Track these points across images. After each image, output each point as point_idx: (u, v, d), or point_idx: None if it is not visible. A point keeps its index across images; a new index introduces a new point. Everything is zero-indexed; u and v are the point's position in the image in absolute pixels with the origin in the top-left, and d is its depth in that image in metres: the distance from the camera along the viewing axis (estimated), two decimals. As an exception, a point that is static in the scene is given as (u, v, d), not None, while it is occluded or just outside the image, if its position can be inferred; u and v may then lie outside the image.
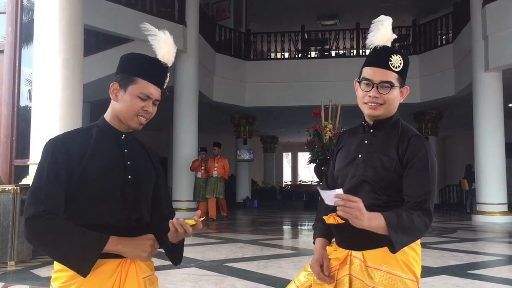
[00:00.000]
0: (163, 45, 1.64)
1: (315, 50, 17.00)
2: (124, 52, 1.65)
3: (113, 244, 1.48)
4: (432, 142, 16.25)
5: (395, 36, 1.76)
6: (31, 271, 4.68)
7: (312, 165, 8.91)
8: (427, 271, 4.42)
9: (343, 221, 1.69)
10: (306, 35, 16.74)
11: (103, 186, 1.55)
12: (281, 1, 16.28)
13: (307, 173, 27.55)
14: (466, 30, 12.18)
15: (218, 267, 4.97)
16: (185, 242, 1.75)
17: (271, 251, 6.26)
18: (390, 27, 1.75)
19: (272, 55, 16.76)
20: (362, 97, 1.73)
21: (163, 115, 13.78)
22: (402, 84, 1.73)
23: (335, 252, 1.74)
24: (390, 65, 1.68)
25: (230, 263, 5.21)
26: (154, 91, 1.60)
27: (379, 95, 1.69)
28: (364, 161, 1.72)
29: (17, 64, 6.97)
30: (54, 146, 1.55)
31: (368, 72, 1.71)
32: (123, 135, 1.64)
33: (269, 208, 16.86)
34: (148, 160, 1.71)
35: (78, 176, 1.53)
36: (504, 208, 11.02)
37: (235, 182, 17.93)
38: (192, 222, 1.52)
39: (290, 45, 16.33)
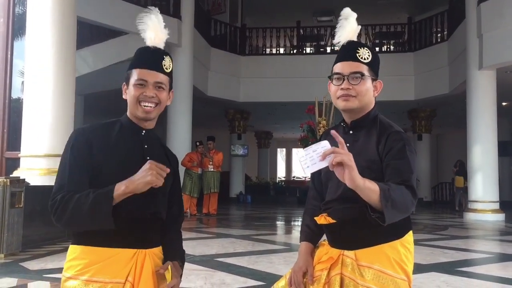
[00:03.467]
0: (148, 30, 1.67)
1: (310, 46, 16.98)
2: (117, 45, 1.67)
3: (119, 189, 1.46)
4: (426, 139, 16.33)
5: (359, 28, 1.74)
6: (20, 264, 4.67)
7: (306, 161, 8.87)
8: (417, 268, 4.39)
9: (334, 221, 1.68)
10: (301, 31, 16.72)
11: (119, 177, 1.52)
12: (277, -3, 16.24)
13: (301, 169, 27.52)
14: (461, 28, 12.19)
15: (209, 261, 4.97)
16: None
17: (262, 247, 6.26)
18: (355, 21, 1.74)
19: (268, 50, 16.71)
20: (335, 92, 1.71)
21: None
22: (374, 77, 1.71)
23: (327, 254, 1.71)
24: (358, 57, 1.67)
25: (221, 258, 5.21)
26: (148, 75, 1.62)
27: (350, 86, 1.67)
28: None
29: (9, 56, 6.93)
30: (75, 137, 1.60)
31: (338, 67, 1.70)
32: (143, 131, 1.68)
33: (262, 203, 16.87)
34: (166, 161, 1.71)
35: (96, 166, 1.56)
36: (496, 206, 11.09)
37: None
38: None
39: (285, 40, 16.29)
